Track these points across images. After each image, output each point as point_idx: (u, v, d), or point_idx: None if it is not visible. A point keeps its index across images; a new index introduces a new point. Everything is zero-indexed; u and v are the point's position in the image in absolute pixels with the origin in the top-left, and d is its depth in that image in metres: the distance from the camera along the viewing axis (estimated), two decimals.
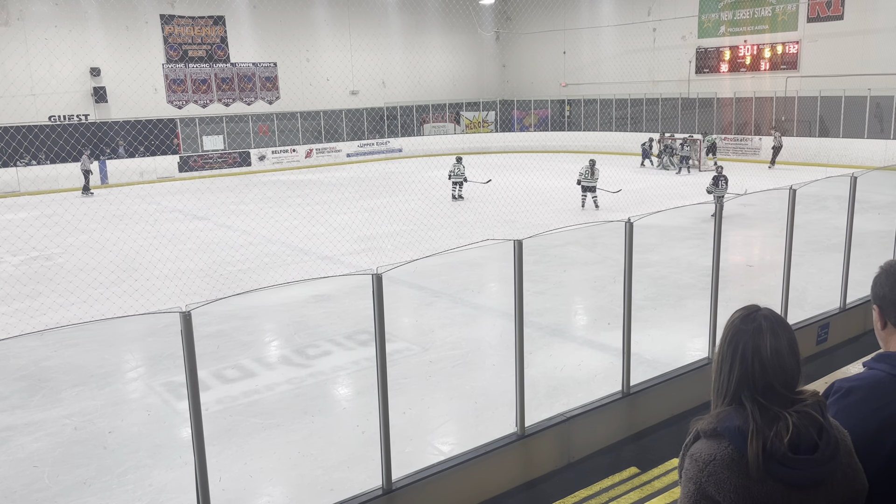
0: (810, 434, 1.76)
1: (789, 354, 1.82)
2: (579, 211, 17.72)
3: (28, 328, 9.38)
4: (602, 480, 5.47)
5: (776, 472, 1.73)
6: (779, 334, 1.83)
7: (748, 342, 1.82)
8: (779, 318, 1.87)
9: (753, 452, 1.72)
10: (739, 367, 1.81)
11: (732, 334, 1.86)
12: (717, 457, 1.75)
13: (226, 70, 30.01)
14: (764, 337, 1.82)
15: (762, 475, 1.72)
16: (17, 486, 5.79)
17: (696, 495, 1.78)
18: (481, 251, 11.65)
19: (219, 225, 17.45)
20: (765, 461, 1.72)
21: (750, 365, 1.80)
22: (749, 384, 1.80)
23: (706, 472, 1.76)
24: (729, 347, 1.85)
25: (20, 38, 24.94)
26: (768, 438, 1.73)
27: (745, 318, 1.87)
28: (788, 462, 1.73)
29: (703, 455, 1.78)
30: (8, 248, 14.91)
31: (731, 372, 1.83)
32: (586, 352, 8.47)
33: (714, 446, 1.77)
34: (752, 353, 1.81)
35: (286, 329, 9.71)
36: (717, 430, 1.78)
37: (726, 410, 1.82)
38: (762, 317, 1.85)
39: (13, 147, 24.90)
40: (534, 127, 36.39)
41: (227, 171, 29.01)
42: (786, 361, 1.81)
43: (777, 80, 27.83)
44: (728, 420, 1.78)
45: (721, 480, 1.74)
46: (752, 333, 1.83)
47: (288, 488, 5.84)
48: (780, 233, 7.77)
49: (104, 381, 7.96)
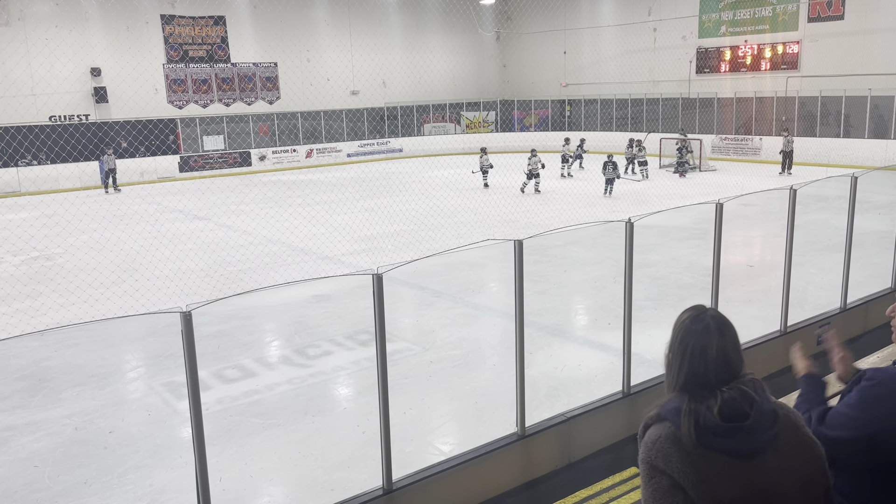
0: (741, 406, 1.92)
1: (733, 351, 2.00)
2: (581, 210, 17.70)
3: (29, 328, 9.38)
4: (602, 480, 5.47)
5: (711, 442, 1.89)
6: (725, 334, 2.00)
7: (697, 342, 1.99)
8: (724, 318, 2.05)
9: (686, 426, 1.90)
10: (688, 365, 1.98)
11: (683, 334, 2.03)
12: (661, 435, 1.95)
13: (226, 70, 30.02)
14: (711, 336, 1.99)
15: (701, 448, 1.89)
16: (17, 486, 5.80)
17: (650, 472, 1.95)
18: (482, 251, 11.65)
19: (219, 225, 17.45)
20: (700, 433, 1.89)
21: (697, 362, 1.98)
22: (694, 379, 1.97)
23: (654, 450, 1.94)
24: (679, 346, 2.02)
25: (21, 38, 24.94)
26: (701, 413, 1.91)
27: (694, 318, 2.04)
28: (721, 431, 1.89)
29: (650, 437, 1.98)
30: (8, 248, 14.90)
31: (680, 368, 2.01)
32: (587, 352, 8.47)
33: (659, 428, 1.97)
34: (699, 351, 1.98)
35: (286, 329, 9.71)
36: (660, 415, 1.99)
37: (669, 398, 2.02)
38: (710, 317, 2.02)
39: (14, 147, 24.91)
40: (534, 127, 36.38)
41: (227, 172, 29.02)
42: (731, 358, 1.99)
43: (777, 80, 27.82)
44: (669, 404, 1.99)
45: (667, 454, 1.91)
46: (699, 333, 2.00)
47: (288, 488, 5.84)
48: (780, 233, 7.77)
49: (105, 381, 7.96)
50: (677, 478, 1.90)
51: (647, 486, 1.96)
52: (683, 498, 1.89)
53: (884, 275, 9.07)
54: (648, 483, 1.96)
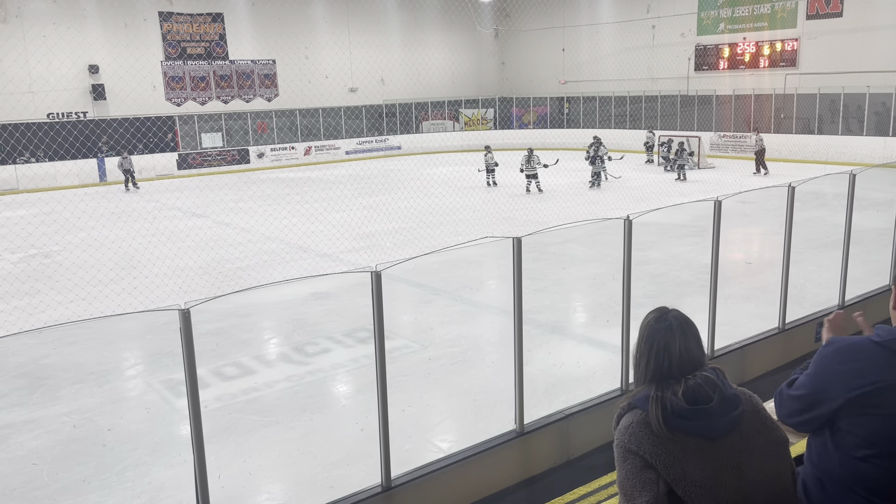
0: (705, 391, 2.07)
1: (696, 348, 2.18)
2: (579, 207, 17.71)
3: (27, 326, 9.36)
4: (601, 477, 5.47)
5: (678, 425, 2.04)
6: (687, 333, 2.17)
7: (661, 339, 2.15)
8: (685, 318, 2.21)
9: (654, 411, 2.06)
10: (654, 361, 2.14)
11: (648, 333, 2.20)
12: (633, 422, 2.10)
13: (224, 67, 29.97)
14: (674, 335, 2.15)
15: (669, 430, 2.03)
16: (16, 484, 5.79)
17: (623, 454, 2.09)
18: (480, 249, 11.65)
19: (217, 222, 17.44)
20: (667, 417, 2.04)
21: (662, 359, 2.13)
22: (659, 373, 2.13)
23: (626, 434, 2.09)
24: (645, 345, 2.18)
25: (18, 36, 24.90)
26: (667, 399, 2.06)
27: (658, 318, 2.21)
28: (686, 414, 2.04)
29: (623, 424, 2.13)
30: (6, 245, 14.88)
31: (647, 365, 2.16)
32: (585, 349, 8.47)
33: (631, 416, 2.13)
34: (663, 348, 2.14)
35: (285, 326, 9.71)
36: (631, 405, 2.15)
37: (639, 389, 2.17)
38: (672, 317, 2.19)
39: (11, 144, 24.88)
40: (533, 124, 36.36)
41: (225, 169, 28.99)
42: (694, 355, 2.16)
43: (776, 78, 27.82)
44: (639, 394, 2.14)
45: (639, 438, 2.06)
46: (664, 332, 2.16)
47: (287, 486, 5.84)
48: (778, 230, 7.77)
49: (103, 378, 7.95)
50: (649, 458, 2.04)
51: (621, 467, 2.10)
52: (655, 476, 2.03)
53: (882, 272, 9.07)
54: (623, 465, 2.09)
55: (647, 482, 2.02)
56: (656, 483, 2.02)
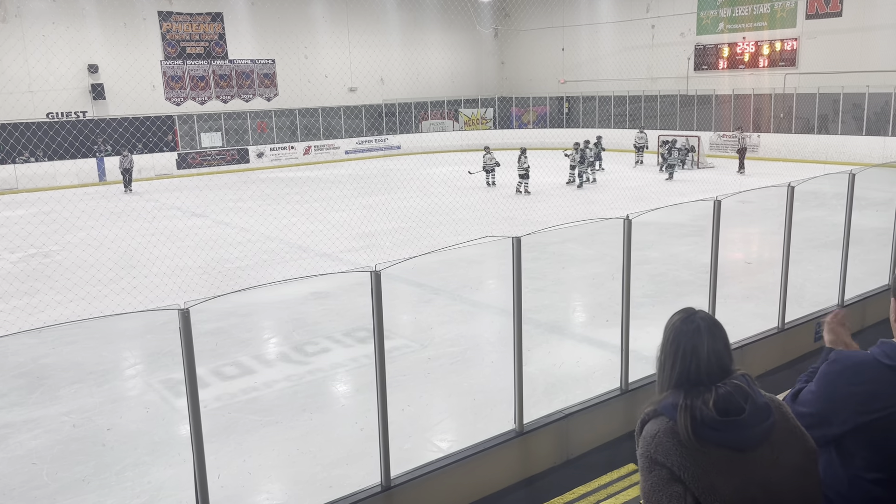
0: (737, 401, 1.97)
1: (725, 351, 2.07)
2: (579, 207, 17.72)
3: (26, 325, 9.35)
4: (600, 477, 5.48)
5: (709, 436, 1.93)
6: (716, 335, 2.07)
7: (688, 342, 2.05)
8: (714, 319, 2.10)
9: (682, 420, 1.95)
10: (680, 364, 2.04)
11: (674, 335, 2.09)
12: (660, 430, 1.99)
13: (224, 67, 29.96)
14: (702, 337, 2.04)
15: (698, 441, 1.93)
16: (15, 484, 5.79)
17: (649, 465, 1.99)
18: (480, 248, 11.64)
19: (217, 222, 17.43)
20: (697, 428, 1.93)
21: (689, 362, 2.03)
22: (686, 378, 2.03)
23: (653, 444, 1.98)
24: (671, 347, 2.07)
25: (18, 35, 24.88)
26: (697, 408, 1.95)
27: (684, 320, 2.10)
28: (718, 425, 1.94)
29: (649, 432, 2.02)
30: (6, 245, 14.88)
31: (672, 368, 2.06)
32: (585, 349, 8.47)
33: (657, 423, 2.01)
34: (690, 351, 2.03)
35: (285, 326, 9.71)
36: (657, 411, 2.03)
37: (665, 395, 2.05)
38: (700, 318, 2.09)
39: (11, 144, 24.86)
40: (532, 124, 36.36)
41: (225, 168, 28.98)
42: (723, 358, 2.05)
43: (776, 77, 27.82)
44: (665, 401, 2.03)
45: (666, 448, 1.96)
46: (691, 334, 2.06)
47: (286, 485, 5.84)
48: (778, 230, 7.78)
49: (103, 378, 7.95)
50: (676, 470, 1.94)
51: (646, 478, 2.00)
52: (682, 489, 1.93)
53: (881, 271, 9.08)
54: (648, 476, 1.99)
55: (674, 496, 1.94)
56: (683, 497, 1.93)
